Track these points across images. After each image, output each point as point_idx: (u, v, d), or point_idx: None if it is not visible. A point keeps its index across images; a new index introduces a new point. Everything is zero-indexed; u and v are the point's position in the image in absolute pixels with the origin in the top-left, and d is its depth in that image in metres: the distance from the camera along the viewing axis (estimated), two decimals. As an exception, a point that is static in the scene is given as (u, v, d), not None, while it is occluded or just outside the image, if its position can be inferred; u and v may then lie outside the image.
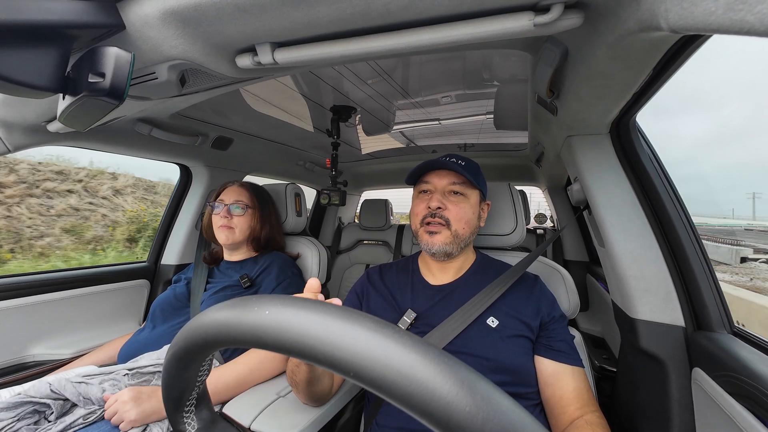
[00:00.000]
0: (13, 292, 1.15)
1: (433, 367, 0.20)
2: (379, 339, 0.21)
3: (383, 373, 0.20)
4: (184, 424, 0.36)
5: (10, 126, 0.89)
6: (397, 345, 0.21)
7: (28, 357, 1.18)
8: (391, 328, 0.22)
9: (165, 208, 1.68)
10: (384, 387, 0.20)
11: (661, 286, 0.79)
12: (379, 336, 0.21)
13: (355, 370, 0.21)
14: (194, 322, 0.28)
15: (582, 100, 0.76)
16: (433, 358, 0.20)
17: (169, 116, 1.21)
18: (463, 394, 0.19)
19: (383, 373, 0.20)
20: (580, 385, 0.75)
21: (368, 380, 0.20)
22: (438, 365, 0.20)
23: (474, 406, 0.19)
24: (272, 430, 0.79)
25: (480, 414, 0.18)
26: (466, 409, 0.18)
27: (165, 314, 1.12)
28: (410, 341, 0.21)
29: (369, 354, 0.21)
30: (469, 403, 0.19)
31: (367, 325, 0.22)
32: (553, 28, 0.52)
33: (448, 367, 0.20)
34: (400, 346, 0.21)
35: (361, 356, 0.21)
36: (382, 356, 0.20)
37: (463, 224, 0.85)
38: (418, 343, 0.21)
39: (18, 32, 0.44)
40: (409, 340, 0.21)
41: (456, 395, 0.19)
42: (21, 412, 0.74)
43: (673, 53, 0.57)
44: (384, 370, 0.20)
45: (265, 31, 0.59)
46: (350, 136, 1.97)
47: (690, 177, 36.15)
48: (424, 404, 0.19)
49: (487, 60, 1.08)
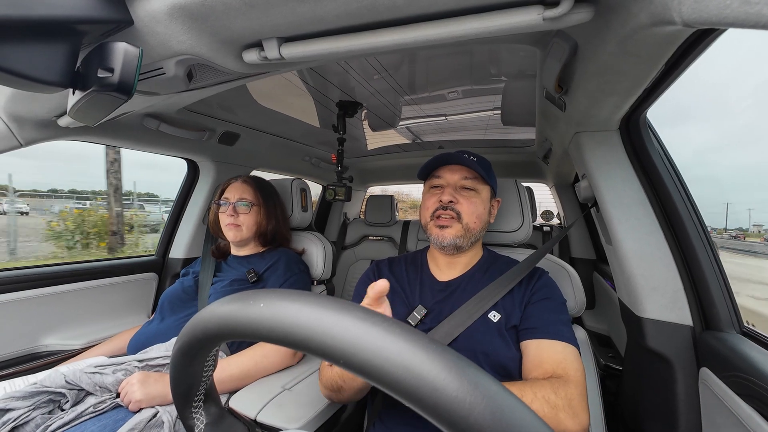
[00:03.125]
0: (27, 284, 1.18)
1: (420, 353, 0.20)
2: (366, 326, 0.22)
3: (371, 360, 0.21)
4: (193, 419, 0.36)
5: (22, 121, 0.91)
6: (384, 332, 0.21)
7: (40, 347, 1.21)
8: (378, 316, 0.23)
9: (173, 202, 1.70)
10: (372, 373, 0.21)
11: (669, 284, 0.78)
12: (366, 324, 0.22)
13: (345, 358, 0.21)
14: (198, 316, 0.29)
15: (591, 96, 0.75)
16: (420, 344, 0.21)
17: (176, 111, 1.22)
18: (450, 379, 0.19)
19: (371, 360, 0.21)
20: (544, 355, 0.69)
21: (358, 367, 0.21)
22: (424, 351, 0.20)
23: (461, 391, 0.19)
24: (277, 422, 0.80)
25: (468, 398, 0.19)
26: (453, 394, 0.19)
27: (173, 307, 1.14)
28: (397, 327, 0.22)
29: (359, 343, 0.21)
30: (455, 387, 0.19)
31: (358, 315, 0.23)
32: (563, 23, 0.51)
33: (435, 353, 0.20)
34: (387, 332, 0.21)
35: (350, 344, 0.21)
36: (369, 343, 0.21)
37: (474, 218, 0.85)
38: (405, 330, 0.22)
39: (29, 28, 0.45)
40: (396, 327, 0.22)
41: (443, 380, 0.19)
42: (36, 401, 0.76)
43: (686, 48, 0.56)
44: (371, 357, 0.21)
45: (272, 26, 0.59)
46: (356, 132, 1.96)
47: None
48: (411, 389, 0.19)
49: (494, 55, 1.07)
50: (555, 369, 0.66)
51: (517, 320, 0.78)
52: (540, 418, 0.20)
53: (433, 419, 0.19)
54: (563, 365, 0.67)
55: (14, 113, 0.88)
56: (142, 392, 0.80)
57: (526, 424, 0.19)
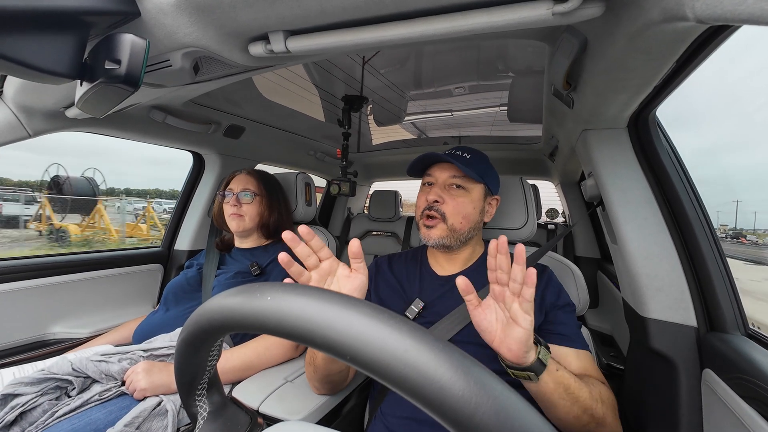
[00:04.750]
0: (37, 272, 1.20)
1: (426, 351, 0.20)
2: (373, 323, 0.22)
3: (378, 356, 0.21)
4: (196, 407, 0.37)
5: (31, 111, 0.92)
6: (391, 329, 0.21)
7: (48, 335, 1.23)
8: (386, 313, 0.23)
9: (179, 194, 1.71)
10: (379, 370, 0.21)
11: (675, 285, 0.78)
12: (374, 320, 0.22)
13: (351, 354, 0.21)
14: (204, 307, 0.29)
15: (600, 93, 0.74)
16: (426, 341, 0.21)
17: (182, 104, 1.23)
18: (456, 378, 0.19)
19: (378, 357, 0.21)
20: (586, 365, 0.73)
21: (365, 364, 0.21)
22: (431, 349, 0.20)
23: (467, 391, 0.19)
24: (279, 413, 0.81)
25: (473, 398, 0.18)
26: (459, 393, 0.19)
27: (177, 298, 1.15)
28: (405, 326, 0.22)
29: (364, 337, 0.21)
30: (462, 387, 0.19)
31: (365, 312, 0.22)
32: (573, 18, 0.50)
33: (441, 351, 0.20)
34: (394, 330, 0.21)
35: (356, 339, 0.21)
36: (376, 339, 0.21)
37: (460, 219, 0.84)
38: (412, 328, 0.22)
39: (37, 18, 0.45)
40: (404, 325, 0.22)
41: (449, 379, 0.19)
42: (44, 387, 0.77)
43: (698, 45, 0.55)
44: (378, 353, 0.21)
45: (278, 19, 0.58)
46: (361, 127, 1.96)
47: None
48: (417, 387, 0.19)
49: (502, 50, 1.06)
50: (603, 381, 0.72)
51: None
52: (543, 417, 0.20)
53: (438, 417, 0.19)
54: (603, 377, 0.73)
55: (23, 104, 0.89)
56: (146, 381, 0.82)
57: (531, 424, 0.19)
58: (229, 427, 0.39)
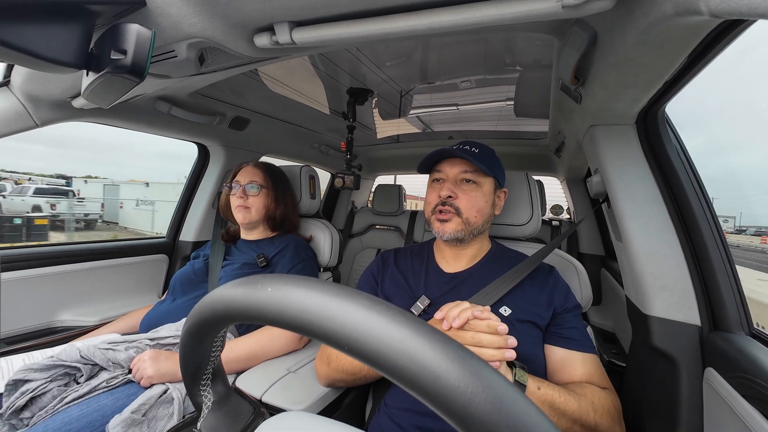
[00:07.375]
0: (46, 261, 1.22)
1: (422, 341, 0.20)
2: (370, 313, 0.22)
3: (374, 346, 0.21)
4: (201, 396, 0.38)
5: (38, 101, 0.92)
6: (387, 320, 0.22)
7: (57, 322, 1.25)
8: (383, 304, 0.23)
9: (183, 186, 1.72)
10: (376, 360, 0.21)
11: (679, 283, 0.77)
12: (370, 311, 0.22)
13: (348, 344, 0.22)
14: (207, 298, 0.30)
15: (609, 88, 0.73)
16: (422, 332, 0.21)
17: (188, 95, 1.23)
18: (452, 368, 0.19)
19: (374, 347, 0.21)
20: (591, 371, 0.74)
21: (362, 354, 0.21)
22: (426, 339, 0.20)
23: (462, 381, 0.19)
24: (282, 403, 0.82)
25: (469, 389, 0.19)
26: (455, 383, 0.19)
27: (184, 288, 1.16)
28: (401, 316, 0.22)
29: (360, 327, 0.21)
30: (457, 377, 0.19)
31: (363, 303, 0.23)
32: (583, 11, 0.49)
33: (437, 342, 0.20)
34: (390, 320, 0.21)
35: (353, 329, 0.22)
36: (372, 330, 0.21)
37: (474, 212, 0.85)
38: (409, 319, 0.22)
39: (44, 8, 0.45)
40: (400, 316, 0.22)
41: (445, 369, 0.19)
42: (53, 373, 0.79)
43: (711, 40, 0.53)
44: (374, 343, 0.21)
45: (284, 10, 0.58)
46: (366, 120, 1.95)
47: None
48: (413, 377, 0.20)
49: (509, 43, 1.04)
50: (601, 384, 0.73)
51: (538, 318, 0.78)
52: (538, 409, 0.20)
53: (434, 407, 0.19)
54: (607, 384, 0.74)
55: (30, 93, 0.90)
56: (153, 369, 0.83)
57: (526, 415, 0.19)
58: (233, 417, 0.39)
